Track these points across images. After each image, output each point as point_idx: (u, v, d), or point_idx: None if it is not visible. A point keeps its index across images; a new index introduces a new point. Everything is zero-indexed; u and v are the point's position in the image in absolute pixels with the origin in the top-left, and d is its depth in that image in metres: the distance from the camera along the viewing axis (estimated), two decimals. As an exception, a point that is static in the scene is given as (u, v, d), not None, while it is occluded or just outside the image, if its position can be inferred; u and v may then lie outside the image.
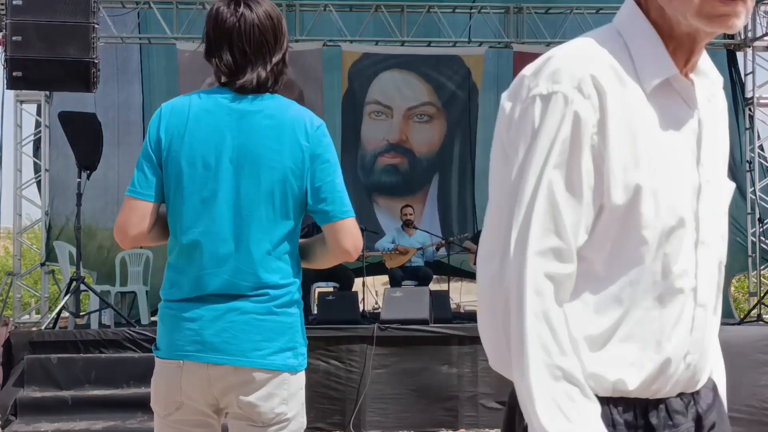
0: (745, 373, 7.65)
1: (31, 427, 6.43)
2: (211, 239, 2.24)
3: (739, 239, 10.84)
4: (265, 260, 2.26)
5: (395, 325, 7.47)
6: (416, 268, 9.51)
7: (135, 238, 2.29)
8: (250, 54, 2.28)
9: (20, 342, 6.93)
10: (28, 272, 10.71)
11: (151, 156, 2.28)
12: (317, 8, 10.38)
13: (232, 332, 2.22)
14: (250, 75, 2.27)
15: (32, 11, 7.47)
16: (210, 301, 2.23)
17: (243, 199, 2.25)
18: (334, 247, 2.35)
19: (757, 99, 10.74)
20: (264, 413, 2.26)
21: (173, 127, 2.27)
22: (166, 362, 2.27)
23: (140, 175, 2.28)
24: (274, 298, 2.28)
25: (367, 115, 10.74)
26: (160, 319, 2.31)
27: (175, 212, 2.28)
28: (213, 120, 2.27)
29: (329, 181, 2.36)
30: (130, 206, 2.28)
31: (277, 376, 2.28)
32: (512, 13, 10.68)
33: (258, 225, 2.25)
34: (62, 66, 7.55)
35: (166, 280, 2.32)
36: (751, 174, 10.44)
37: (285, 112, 2.30)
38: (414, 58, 10.76)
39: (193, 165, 2.25)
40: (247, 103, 2.28)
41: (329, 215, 2.34)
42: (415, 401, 7.38)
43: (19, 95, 9.77)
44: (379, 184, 10.82)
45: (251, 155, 2.25)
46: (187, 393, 2.25)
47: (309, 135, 2.30)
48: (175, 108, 2.30)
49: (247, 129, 2.26)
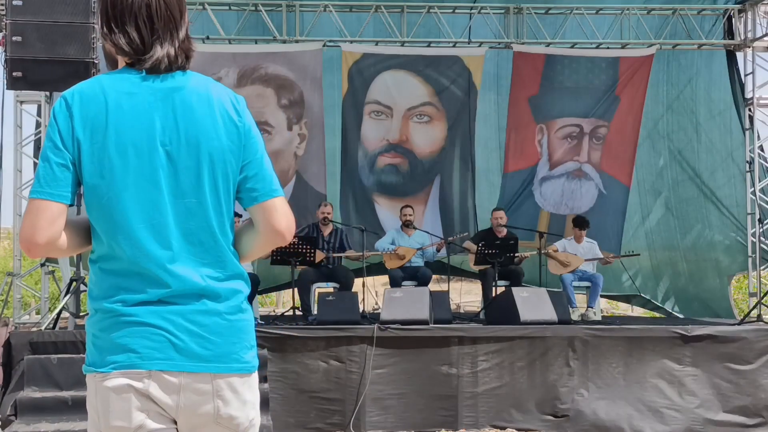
0: (744, 372, 7.65)
1: (31, 428, 6.43)
2: (159, 234, 2.01)
3: (740, 239, 10.84)
4: (222, 251, 2.07)
5: (395, 325, 7.47)
6: (416, 269, 9.51)
7: (45, 247, 1.99)
8: (158, 29, 2.04)
9: (20, 342, 6.93)
10: (28, 272, 10.71)
11: (62, 152, 2.00)
12: (317, 8, 10.38)
13: (207, 337, 2.02)
14: (160, 52, 2.03)
15: (32, 11, 7.47)
16: (174, 303, 2.01)
17: (184, 186, 2.03)
18: (266, 230, 2.10)
19: (757, 99, 10.73)
20: (241, 423, 2.09)
21: (91, 116, 2.01)
22: (122, 374, 1.99)
23: (47, 173, 1.98)
24: (237, 293, 2.08)
25: (367, 115, 10.74)
26: (104, 330, 2.01)
27: (107, 211, 2.01)
28: (136, 103, 2.02)
29: (258, 159, 2.11)
30: (36, 209, 1.98)
31: (249, 377, 2.10)
32: (512, 13, 10.67)
33: (205, 213, 2.05)
34: (62, 66, 7.55)
35: (106, 287, 2.03)
36: (751, 174, 10.44)
37: (208, 88, 2.09)
38: (414, 59, 10.76)
39: (124, 156, 2.00)
40: (166, 81, 2.05)
41: (258, 194, 2.09)
42: (415, 401, 7.38)
43: (19, 95, 9.77)
44: (380, 184, 10.82)
45: (186, 137, 2.03)
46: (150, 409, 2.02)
47: (237, 109, 2.10)
48: (84, 94, 2.03)
49: (175, 109, 2.04)
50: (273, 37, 10.35)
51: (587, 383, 7.54)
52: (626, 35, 10.73)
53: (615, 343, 7.63)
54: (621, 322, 9.22)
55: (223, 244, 2.07)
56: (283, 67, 10.40)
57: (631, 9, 10.64)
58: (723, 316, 10.29)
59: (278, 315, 9.50)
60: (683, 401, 7.57)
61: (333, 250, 9.29)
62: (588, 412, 7.51)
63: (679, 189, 11.23)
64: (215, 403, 2.03)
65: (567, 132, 10.93)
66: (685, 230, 11.19)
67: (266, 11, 10.35)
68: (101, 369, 2.01)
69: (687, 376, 7.61)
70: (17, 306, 9.76)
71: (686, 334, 7.68)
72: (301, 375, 7.31)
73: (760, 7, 10.66)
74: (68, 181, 2.00)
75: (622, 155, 10.90)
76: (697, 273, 11.16)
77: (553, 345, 7.57)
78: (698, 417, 7.57)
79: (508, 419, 7.46)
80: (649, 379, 7.59)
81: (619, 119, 10.85)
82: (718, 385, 7.63)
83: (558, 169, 10.96)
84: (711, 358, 7.67)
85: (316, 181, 10.43)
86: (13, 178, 9.96)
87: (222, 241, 2.07)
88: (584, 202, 10.94)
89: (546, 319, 7.79)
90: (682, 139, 11.22)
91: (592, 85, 10.91)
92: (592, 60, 10.89)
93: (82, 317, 8.52)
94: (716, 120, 11.10)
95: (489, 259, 9.17)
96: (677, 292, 11.30)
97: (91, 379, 2.03)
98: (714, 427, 7.57)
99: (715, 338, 7.71)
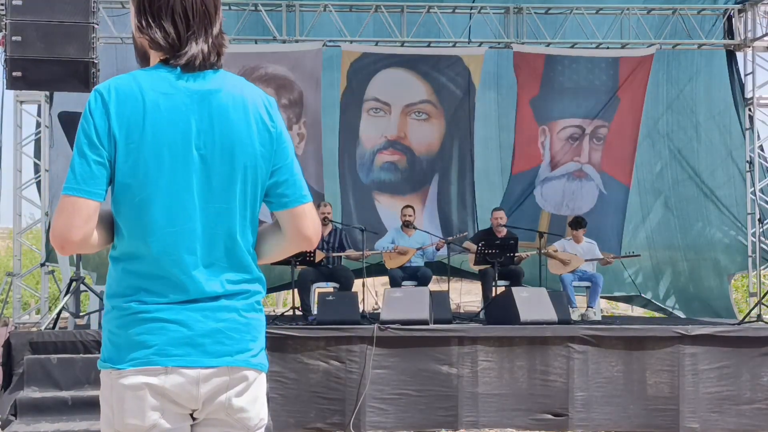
0: (744, 372, 7.65)
1: (31, 428, 6.43)
2: (186, 238, 2.02)
3: (740, 239, 10.84)
4: (244, 255, 2.09)
5: (395, 325, 7.47)
6: (415, 269, 9.51)
7: (79, 244, 1.98)
8: (194, 25, 2.03)
9: (20, 342, 6.93)
10: (28, 272, 10.70)
11: (99, 149, 1.98)
12: (317, 8, 10.38)
13: (225, 332, 2.04)
14: (195, 48, 2.02)
15: (32, 11, 7.47)
16: (192, 301, 2.02)
17: (215, 191, 2.03)
18: (293, 235, 2.13)
19: (757, 99, 10.73)
20: (252, 418, 2.10)
21: (128, 115, 1.99)
22: (138, 371, 2.00)
23: (84, 170, 1.97)
24: (254, 294, 2.11)
25: (366, 112, 10.74)
26: (121, 327, 2.02)
27: (138, 212, 2.01)
28: (173, 104, 2.01)
29: (288, 164, 2.12)
30: (72, 206, 1.96)
31: (260, 376, 2.12)
32: (512, 13, 10.67)
33: (232, 218, 2.05)
34: (62, 66, 7.55)
35: (126, 285, 2.03)
36: (751, 174, 10.44)
37: (243, 90, 2.09)
38: (413, 58, 10.77)
39: (159, 157, 1.99)
40: (202, 82, 2.04)
41: (288, 200, 2.12)
42: (415, 401, 7.38)
43: (19, 95, 9.77)
44: (379, 181, 10.82)
45: (221, 142, 2.03)
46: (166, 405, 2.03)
47: (270, 114, 2.10)
48: (121, 91, 2.01)
49: (211, 112, 2.03)
50: (273, 37, 10.35)
51: (587, 383, 7.54)
52: (626, 35, 10.72)
53: (615, 343, 7.63)
54: (621, 322, 9.21)
55: (244, 249, 2.09)
56: (283, 67, 10.40)
57: (631, 9, 10.63)
58: (723, 316, 10.29)
59: (278, 315, 9.49)
60: (684, 400, 7.57)
61: (333, 250, 9.29)
62: (588, 411, 7.51)
63: (679, 188, 11.23)
64: (228, 394, 2.05)
65: (569, 133, 10.93)
66: (685, 230, 11.19)
67: (266, 11, 10.35)
68: (118, 366, 2.01)
69: (687, 376, 7.61)
70: (17, 306, 9.76)
71: (686, 334, 7.68)
72: (301, 375, 7.31)
73: (760, 7, 10.65)
74: (104, 178, 1.99)
75: (622, 155, 10.90)
76: (697, 272, 11.16)
77: (553, 345, 7.57)
78: (699, 416, 7.56)
79: (508, 419, 7.46)
80: (649, 379, 7.58)
81: (619, 119, 10.85)
82: (717, 384, 7.63)
83: (559, 169, 10.97)
84: (711, 357, 7.66)
85: (314, 181, 10.44)
86: (13, 178, 9.96)
87: (243, 245, 2.08)
88: (585, 203, 10.94)
89: (546, 319, 7.79)
90: (682, 138, 11.22)
91: (593, 86, 10.91)
92: (592, 60, 10.89)
93: (82, 317, 8.52)
94: (716, 120, 11.10)
95: (489, 259, 9.16)
96: (677, 292, 11.30)
97: (107, 375, 2.04)
98: (714, 426, 7.56)
99: (715, 338, 7.70)
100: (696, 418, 7.56)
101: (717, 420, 7.59)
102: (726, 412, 7.61)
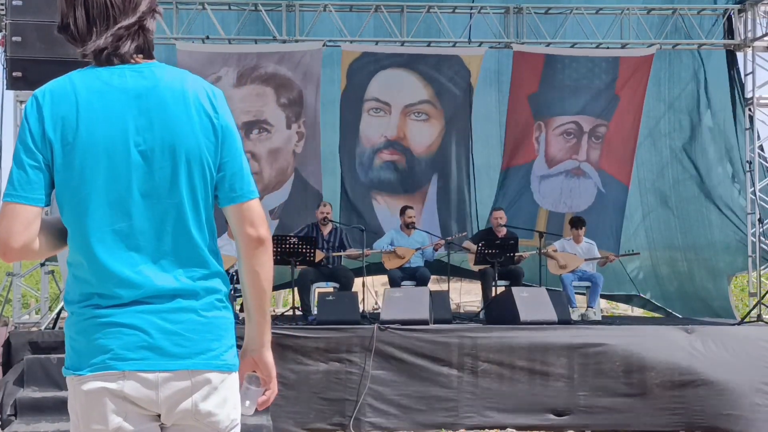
0: (744, 372, 7.64)
1: (31, 428, 6.43)
2: (128, 237, 1.97)
3: (740, 239, 10.84)
4: (198, 250, 2.02)
5: (395, 325, 7.47)
6: (414, 269, 9.51)
7: (20, 251, 1.94)
8: (95, 17, 2.01)
9: (20, 342, 6.93)
10: (28, 272, 10.70)
11: (35, 153, 1.94)
12: (317, 8, 10.38)
13: (182, 334, 1.98)
14: (98, 42, 1.99)
15: (32, 11, 7.47)
16: (148, 302, 1.97)
17: (159, 187, 1.97)
18: (242, 233, 2.04)
19: (757, 99, 10.74)
20: (222, 421, 2.04)
21: (62, 115, 1.95)
22: (97, 377, 1.96)
23: (21, 176, 1.93)
24: (213, 291, 2.04)
25: (366, 112, 10.74)
26: (80, 332, 1.97)
27: (77, 213, 1.97)
28: (107, 102, 1.96)
29: (236, 157, 2.04)
30: (11, 213, 1.92)
31: (228, 376, 2.06)
32: (512, 13, 10.67)
33: (181, 213, 1.99)
34: (62, 66, 7.48)
35: (80, 292, 1.99)
36: (751, 174, 10.44)
37: (183, 82, 2.02)
38: (413, 58, 10.77)
39: (95, 158, 1.95)
40: (138, 78, 1.99)
41: (236, 195, 2.04)
42: (415, 401, 7.38)
43: (19, 95, 9.77)
44: (379, 181, 10.82)
45: (161, 137, 1.97)
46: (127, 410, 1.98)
47: (215, 105, 2.02)
48: (55, 93, 1.97)
49: (149, 107, 1.98)
50: (273, 36, 10.36)
51: (587, 382, 7.54)
52: (626, 35, 10.72)
53: (615, 343, 7.62)
54: (621, 322, 9.21)
55: (201, 244, 2.02)
56: (283, 66, 10.40)
57: (631, 9, 10.64)
58: (723, 316, 10.29)
59: (278, 315, 9.49)
60: (684, 399, 7.56)
61: (333, 250, 9.29)
62: (588, 411, 7.50)
63: (679, 188, 11.22)
64: (193, 398, 1.99)
65: (564, 129, 10.93)
66: (686, 229, 11.18)
67: (266, 11, 10.35)
68: (78, 372, 1.98)
69: (686, 375, 7.60)
70: (17, 306, 9.76)
71: (686, 334, 7.67)
72: (301, 375, 7.31)
73: (760, 7, 10.66)
74: (42, 183, 1.96)
75: (621, 155, 10.90)
76: (697, 272, 11.15)
77: (553, 345, 7.57)
78: (698, 415, 7.56)
79: (507, 419, 7.45)
80: (649, 378, 7.58)
81: (619, 119, 10.85)
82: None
83: (557, 167, 10.97)
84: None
85: (313, 179, 10.45)
86: (13, 178, 9.95)
87: (199, 241, 2.02)
88: (583, 201, 10.94)
89: (546, 319, 7.79)
90: (682, 138, 11.22)
91: (592, 84, 10.91)
92: (592, 60, 10.89)
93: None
94: (716, 120, 11.10)
95: (489, 259, 9.16)
96: (677, 292, 11.29)
97: (70, 382, 2.01)
98: (714, 425, 7.56)
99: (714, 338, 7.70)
100: (701, 416, 7.56)
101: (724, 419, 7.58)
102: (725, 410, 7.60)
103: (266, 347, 2.19)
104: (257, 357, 2.17)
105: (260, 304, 2.15)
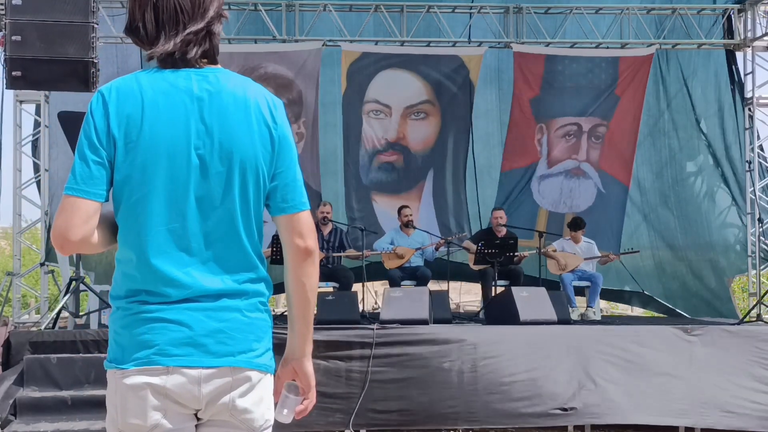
0: (744, 372, 7.65)
1: (30, 427, 6.42)
2: (181, 238, 2.01)
3: (739, 239, 10.84)
4: (247, 255, 2.06)
5: (395, 325, 7.47)
6: (414, 269, 9.51)
7: (78, 244, 1.98)
8: (165, 21, 2.03)
9: (20, 342, 6.92)
10: (28, 272, 10.70)
11: (98, 149, 1.98)
12: (317, 8, 10.38)
13: (227, 332, 2.02)
14: (167, 45, 2.02)
15: (32, 11, 7.47)
16: (195, 300, 2.01)
17: (213, 191, 2.01)
18: (291, 243, 2.09)
19: (757, 99, 10.74)
20: (256, 420, 2.09)
21: (127, 113, 1.99)
22: (140, 371, 1.99)
23: (83, 170, 1.97)
24: (258, 294, 2.10)
25: (366, 114, 10.75)
26: (125, 326, 2.02)
27: (134, 211, 2.00)
28: (172, 103, 2.00)
29: (290, 168, 2.09)
30: (71, 206, 1.96)
31: (266, 377, 2.11)
32: (512, 13, 10.67)
33: (233, 218, 2.03)
34: (62, 65, 7.55)
35: (127, 288, 2.04)
36: (751, 174, 10.44)
37: (246, 90, 2.06)
38: (413, 58, 10.77)
39: (156, 157, 1.98)
40: (203, 82, 2.03)
41: (287, 206, 2.08)
42: (415, 401, 7.37)
43: (19, 95, 9.78)
44: (378, 182, 10.83)
45: (220, 143, 2.01)
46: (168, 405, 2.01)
47: (274, 115, 2.07)
48: (121, 91, 2.01)
49: (211, 112, 2.02)
50: (273, 36, 10.36)
51: (587, 382, 7.53)
52: (626, 35, 10.73)
53: (615, 342, 7.62)
54: (621, 322, 9.20)
55: (250, 250, 2.07)
56: (283, 66, 10.40)
57: (631, 8, 10.64)
58: (725, 315, 10.28)
59: (278, 315, 9.49)
60: (684, 397, 7.56)
61: (333, 250, 9.29)
62: (588, 411, 7.50)
63: (679, 188, 11.22)
64: (231, 394, 2.03)
65: (566, 131, 10.94)
66: (686, 229, 11.18)
67: (266, 11, 10.35)
68: (121, 366, 2.01)
69: (686, 374, 7.60)
70: (17, 306, 9.76)
71: (686, 334, 7.67)
72: (301, 375, 7.30)
73: (759, 7, 10.66)
74: (104, 179, 1.99)
75: (621, 155, 10.91)
76: (697, 272, 11.15)
77: (552, 345, 7.56)
78: (699, 414, 7.56)
79: (508, 419, 7.45)
80: (648, 375, 7.57)
81: (619, 119, 10.85)
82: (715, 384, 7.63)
83: (556, 167, 10.97)
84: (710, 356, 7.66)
85: (312, 180, 10.45)
86: (13, 178, 9.96)
87: (248, 246, 2.06)
88: (583, 201, 10.95)
89: (546, 319, 7.78)
90: (682, 137, 11.22)
91: (592, 85, 10.91)
92: (592, 60, 10.89)
93: (81, 317, 8.52)
94: (716, 119, 11.10)
95: (489, 259, 9.16)
96: (677, 291, 11.30)
97: (111, 375, 2.04)
98: (713, 423, 7.56)
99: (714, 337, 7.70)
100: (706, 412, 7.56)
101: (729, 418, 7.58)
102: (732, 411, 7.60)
103: (307, 357, 2.23)
104: (297, 366, 2.23)
105: (304, 314, 2.20)
